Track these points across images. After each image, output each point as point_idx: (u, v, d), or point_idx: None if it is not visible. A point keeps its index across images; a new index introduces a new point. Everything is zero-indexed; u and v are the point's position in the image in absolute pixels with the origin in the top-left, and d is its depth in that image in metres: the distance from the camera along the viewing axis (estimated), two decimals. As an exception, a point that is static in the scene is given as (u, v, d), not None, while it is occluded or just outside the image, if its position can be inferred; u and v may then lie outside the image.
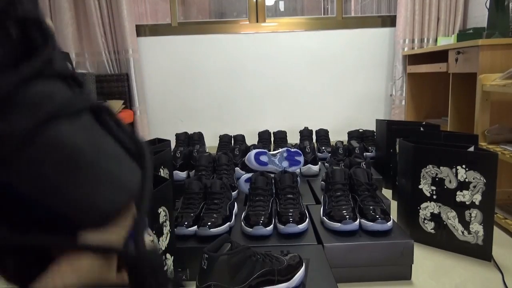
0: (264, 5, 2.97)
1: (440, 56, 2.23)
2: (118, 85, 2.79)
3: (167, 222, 1.06)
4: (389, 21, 2.92)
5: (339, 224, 1.22)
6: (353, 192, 1.38)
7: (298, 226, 1.23)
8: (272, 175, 1.46)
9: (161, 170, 1.57)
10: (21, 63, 0.21)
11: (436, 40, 2.74)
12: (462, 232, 1.35)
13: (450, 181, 1.36)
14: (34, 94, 0.21)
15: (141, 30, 2.93)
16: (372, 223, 1.22)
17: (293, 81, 2.98)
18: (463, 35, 2.23)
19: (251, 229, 1.23)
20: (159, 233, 1.00)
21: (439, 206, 1.39)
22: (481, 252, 1.31)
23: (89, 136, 0.23)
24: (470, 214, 1.32)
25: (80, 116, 0.23)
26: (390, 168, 1.92)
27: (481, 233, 1.31)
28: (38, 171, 0.21)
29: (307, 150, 1.97)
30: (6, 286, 0.24)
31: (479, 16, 2.59)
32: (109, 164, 0.24)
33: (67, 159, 0.22)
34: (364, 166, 1.65)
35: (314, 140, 2.48)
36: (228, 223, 1.28)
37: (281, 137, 2.47)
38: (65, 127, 0.22)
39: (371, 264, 1.19)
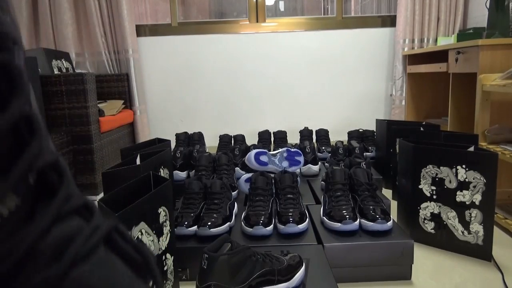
0: (264, 5, 2.97)
1: (440, 56, 2.23)
2: (118, 85, 2.79)
3: (167, 222, 1.06)
4: (389, 21, 2.92)
5: (339, 224, 1.22)
6: (353, 192, 1.38)
7: (298, 226, 1.23)
8: (272, 175, 1.46)
9: (161, 170, 1.57)
10: (40, 209, 0.21)
11: (436, 40, 2.74)
12: (462, 232, 1.35)
13: (450, 181, 1.36)
14: (57, 239, 0.21)
15: (141, 30, 2.93)
16: (372, 223, 1.22)
17: (293, 81, 2.98)
18: (463, 35, 2.23)
19: (251, 229, 1.23)
20: (159, 233, 1.00)
21: (439, 206, 1.39)
22: (481, 252, 1.31)
23: (104, 273, 0.23)
24: (470, 214, 1.32)
25: (96, 250, 0.23)
26: (390, 168, 1.92)
27: (481, 233, 1.31)
28: None
29: (307, 150, 1.97)
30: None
31: (479, 16, 2.59)
32: None
33: None
34: (364, 166, 1.65)
35: (314, 140, 2.48)
36: (228, 223, 1.28)
37: (281, 137, 2.47)
38: (85, 267, 0.22)
39: (371, 264, 1.19)
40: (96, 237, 0.23)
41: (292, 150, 1.86)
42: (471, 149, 1.35)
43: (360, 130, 2.50)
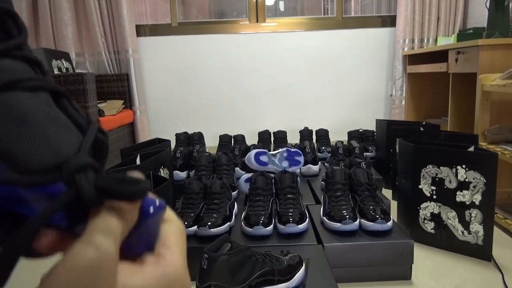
0: (264, 5, 2.97)
1: (440, 56, 2.23)
2: (118, 85, 2.79)
3: (167, 222, 1.06)
4: (389, 21, 2.92)
5: (339, 224, 1.22)
6: (353, 192, 1.38)
7: (298, 226, 1.23)
8: (272, 175, 1.46)
9: (161, 170, 1.57)
10: None
11: (436, 40, 2.74)
12: (462, 232, 1.35)
13: (450, 181, 1.36)
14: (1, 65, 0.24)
15: (141, 30, 2.93)
16: (372, 223, 1.22)
17: (293, 81, 2.98)
18: (463, 35, 2.23)
19: (251, 229, 1.23)
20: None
21: (439, 206, 1.39)
22: (481, 252, 1.31)
23: (42, 105, 0.25)
24: (470, 214, 1.32)
25: (38, 92, 0.26)
26: (390, 168, 1.92)
27: (481, 233, 1.31)
28: None
29: (307, 150, 1.97)
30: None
31: (479, 16, 2.59)
32: (55, 130, 0.25)
33: (17, 115, 0.24)
34: (364, 166, 1.65)
35: (314, 140, 2.48)
36: (228, 223, 1.28)
37: (281, 137, 2.47)
38: (24, 95, 0.25)
39: (371, 264, 1.19)
40: (40, 82, 0.26)
41: (292, 150, 1.86)
42: (471, 149, 1.35)
43: (360, 130, 2.50)
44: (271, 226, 1.26)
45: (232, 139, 2.49)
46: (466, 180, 1.32)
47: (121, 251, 0.24)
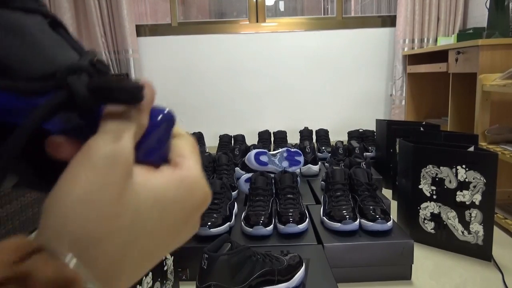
0: (264, 5, 2.97)
1: (440, 56, 2.23)
2: (118, 85, 2.79)
3: (167, 222, 1.07)
4: (389, 21, 2.92)
5: (339, 224, 1.22)
6: (353, 192, 1.38)
7: (298, 226, 1.23)
8: (272, 175, 1.46)
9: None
10: None
11: (436, 40, 2.74)
12: (462, 232, 1.35)
13: (450, 181, 1.36)
14: None
15: (141, 30, 2.93)
16: (372, 223, 1.22)
17: (293, 81, 2.98)
18: (463, 35, 2.23)
19: (251, 229, 1.23)
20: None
21: (439, 206, 1.39)
22: (481, 252, 1.31)
23: (37, 23, 0.25)
24: (470, 214, 1.32)
25: (33, 14, 0.25)
26: (390, 168, 1.92)
27: (481, 233, 1.31)
28: None
29: (307, 150, 1.97)
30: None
31: (479, 16, 2.59)
32: (50, 43, 0.25)
33: (11, 25, 0.24)
34: (364, 166, 1.65)
35: (314, 140, 2.48)
36: (228, 223, 1.28)
37: (281, 137, 2.47)
38: (15, 13, 0.24)
39: (371, 264, 1.19)
40: (33, 4, 0.25)
41: (292, 150, 1.86)
42: (471, 149, 1.35)
43: (360, 130, 2.50)
44: (271, 226, 1.26)
45: (232, 139, 2.49)
46: (466, 180, 1.32)
47: (135, 159, 0.24)
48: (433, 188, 1.40)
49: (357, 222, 1.23)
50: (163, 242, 0.25)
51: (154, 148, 0.25)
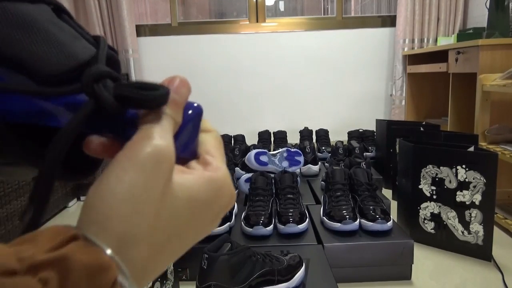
0: (264, 5, 2.97)
1: (440, 56, 2.23)
2: (118, 85, 2.79)
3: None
4: (389, 21, 2.92)
5: (339, 224, 1.22)
6: (353, 192, 1.38)
7: (298, 226, 1.23)
8: (272, 175, 1.46)
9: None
10: None
11: (436, 40, 2.74)
12: (462, 232, 1.35)
13: (450, 181, 1.36)
14: None
15: (141, 30, 2.93)
16: (372, 223, 1.22)
17: (293, 81, 2.98)
18: (463, 35, 2.23)
19: (251, 229, 1.23)
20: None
21: (439, 206, 1.39)
22: (481, 252, 1.31)
23: (45, 14, 0.26)
24: (470, 214, 1.32)
25: (39, 4, 0.26)
26: (390, 168, 1.92)
27: (481, 233, 1.31)
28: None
29: (307, 150, 1.97)
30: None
31: (479, 16, 2.59)
32: (63, 36, 0.26)
33: (23, 21, 0.24)
34: (364, 166, 1.65)
35: (314, 140, 2.48)
36: (228, 223, 1.28)
37: (281, 137, 2.47)
38: (25, 5, 0.25)
39: (371, 264, 1.19)
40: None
41: (292, 150, 1.86)
42: (471, 149, 1.35)
43: (360, 130, 2.50)
44: (271, 226, 1.25)
45: (232, 139, 2.49)
46: (466, 180, 1.32)
47: None
48: (433, 188, 1.40)
49: (357, 222, 1.23)
50: (189, 241, 0.25)
51: (186, 143, 0.26)
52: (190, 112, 0.26)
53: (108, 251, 0.20)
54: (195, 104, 0.27)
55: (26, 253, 0.18)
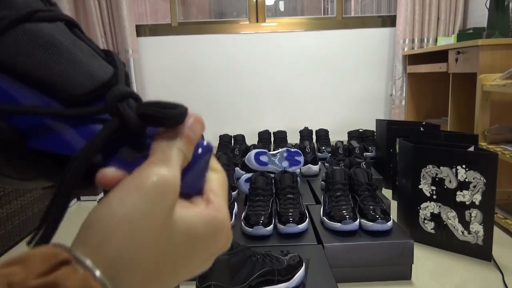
0: (264, 5, 2.97)
1: (440, 56, 2.23)
2: (118, 85, 2.79)
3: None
4: (389, 21, 2.92)
5: (339, 224, 1.22)
6: (353, 192, 1.38)
7: (298, 226, 1.23)
8: (272, 175, 1.46)
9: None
10: None
11: (436, 40, 2.74)
12: (462, 232, 1.35)
13: (450, 181, 1.36)
14: (15, 1, 0.25)
15: (141, 30, 2.93)
16: (372, 223, 1.22)
17: (293, 81, 2.98)
18: (463, 35, 2.23)
19: (251, 229, 1.23)
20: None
21: (439, 206, 1.39)
22: (481, 252, 1.31)
23: (64, 33, 0.27)
24: (470, 214, 1.32)
25: (55, 22, 0.27)
26: (390, 168, 1.92)
27: (481, 233, 1.31)
28: (23, 48, 0.24)
29: (307, 150, 1.97)
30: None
31: (479, 16, 2.59)
32: (84, 55, 0.27)
33: (46, 42, 0.25)
34: (364, 166, 1.65)
35: (314, 140, 2.48)
36: (228, 223, 1.28)
37: (281, 137, 2.47)
38: (44, 24, 0.26)
39: (371, 264, 1.19)
40: (54, 14, 0.27)
41: (292, 150, 1.86)
42: (471, 149, 1.35)
43: (360, 130, 2.50)
44: (271, 226, 1.25)
45: (232, 139, 2.49)
46: (466, 180, 1.32)
47: None
48: (433, 188, 1.40)
49: (357, 222, 1.23)
50: (181, 276, 0.25)
51: (193, 180, 0.26)
52: (200, 150, 0.27)
53: (98, 274, 0.20)
54: (205, 143, 0.27)
55: (16, 277, 0.18)
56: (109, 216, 0.21)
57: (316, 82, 2.98)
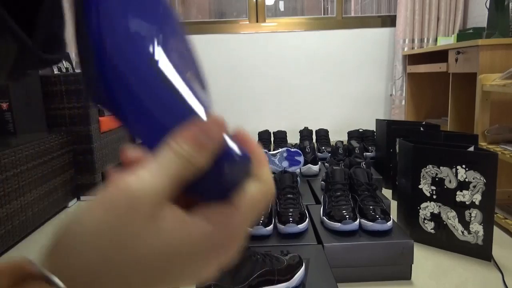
0: (264, 5, 2.97)
1: (440, 56, 2.23)
2: (118, 85, 2.79)
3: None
4: (389, 21, 2.92)
5: (339, 224, 1.22)
6: (353, 192, 1.38)
7: (298, 226, 1.23)
8: (272, 175, 1.46)
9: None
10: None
11: (436, 40, 2.74)
12: (462, 232, 1.35)
13: (450, 181, 1.36)
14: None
15: (141, 30, 2.93)
16: (372, 223, 1.21)
17: (293, 81, 2.98)
18: (463, 35, 2.23)
19: (251, 229, 1.23)
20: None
21: (439, 206, 1.39)
22: (481, 252, 1.31)
23: None
24: (470, 214, 1.32)
25: None
26: (390, 168, 1.92)
27: (481, 233, 1.31)
28: None
29: (307, 150, 1.97)
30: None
31: (479, 16, 2.59)
32: None
33: None
34: (364, 166, 1.65)
35: (314, 140, 2.48)
36: (228, 223, 1.28)
37: (281, 137, 2.47)
38: None
39: (371, 264, 1.19)
40: None
41: (292, 150, 1.86)
42: (471, 149, 1.35)
43: (360, 130, 2.50)
44: (271, 226, 1.25)
45: (232, 139, 2.48)
46: (466, 180, 1.32)
47: (189, 192, 0.23)
48: (433, 188, 1.40)
49: (357, 222, 1.23)
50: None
51: (212, 189, 0.23)
52: (227, 156, 0.23)
53: (61, 286, 0.20)
54: (238, 151, 0.23)
55: None
56: (76, 226, 0.21)
57: (316, 82, 2.98)
